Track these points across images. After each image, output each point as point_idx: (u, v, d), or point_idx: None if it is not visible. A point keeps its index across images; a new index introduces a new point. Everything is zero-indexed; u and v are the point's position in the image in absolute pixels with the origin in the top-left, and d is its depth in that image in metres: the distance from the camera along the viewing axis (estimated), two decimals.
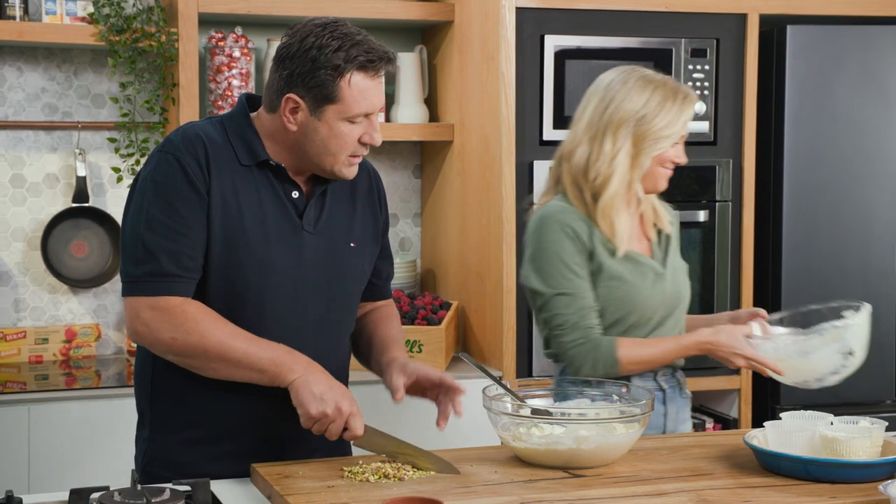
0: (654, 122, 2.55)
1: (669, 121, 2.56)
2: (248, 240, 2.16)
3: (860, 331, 2.48)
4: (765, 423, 2.22)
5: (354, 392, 2.16)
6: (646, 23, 3.70)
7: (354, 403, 2.12)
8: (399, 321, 2.46)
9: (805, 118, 3.80)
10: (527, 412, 2.22)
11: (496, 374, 2.70)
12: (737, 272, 3.82)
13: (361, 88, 2.13)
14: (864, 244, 3.85)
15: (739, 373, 3.82)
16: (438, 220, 4.02)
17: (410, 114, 3.90)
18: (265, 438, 2.24)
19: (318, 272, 2.24)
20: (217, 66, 3.70)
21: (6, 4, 3.53)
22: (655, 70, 2.65)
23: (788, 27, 3.77)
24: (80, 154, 3.72)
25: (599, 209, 2.56)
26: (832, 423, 2.20)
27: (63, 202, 3.76)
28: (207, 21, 3.73)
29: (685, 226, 3.45)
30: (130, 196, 2.20)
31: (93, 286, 3.79)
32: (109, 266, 3.79)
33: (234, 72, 3.69)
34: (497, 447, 2.32)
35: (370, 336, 2.40)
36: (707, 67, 3.73)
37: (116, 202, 3.78)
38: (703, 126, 3.75)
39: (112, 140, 3.75)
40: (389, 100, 3.91)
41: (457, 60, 3.85)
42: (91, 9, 3.59)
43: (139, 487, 1.89)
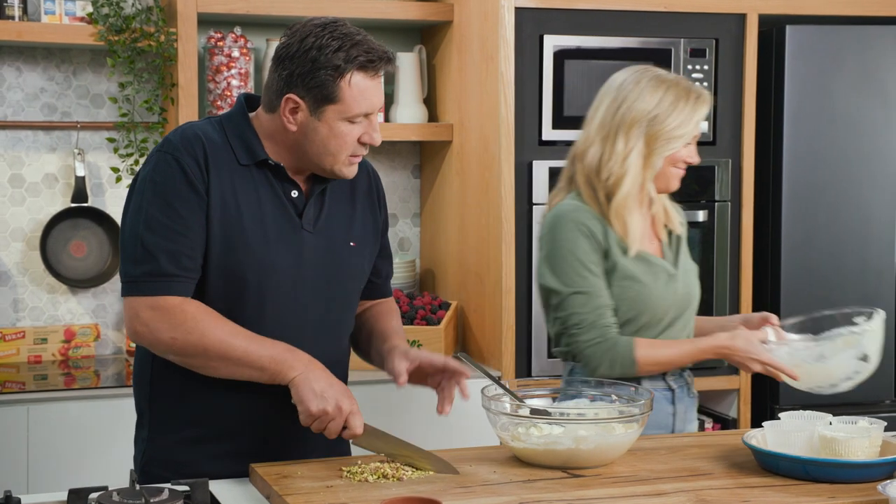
0: (667, 122, 2.54)
1: (682, 121, 2.55)
2: (248, 239, 2.16)
3: (875, 336, 2.48)
4: (763, 423, 2.22)
5: (354, 391, 2.16)
6: (645, 23, 3.69)
7: (354, 402, 2.12)
8: (399, 316, 2.45)
9: (804, 118, 3.80)
10: (526, 412, 2.22)
11: (495, 374, 2.70)
12: (736, 272, 3.82)
13: (361, 88, 2.13)
14: (863, 244, 3.85)
15: (738, 373, 3.82)
16: (437, 220, 4.02)
17: (409, 114, 3.89)
18: (265, 438, 2.24)
19: (318, 271, 2.23)
20: (216, 66, 3.70)
21: (5, 4, 3.53)
22: None
23: (787, 27, 3.77)
24: (79, 154, 3.72)
25: (613, 209, 2.55)
26: (831, 423, 2.20)
27: (62, 202, 3.76)
28: (206, 21, 3.73)
29: None
30: (129, 196, 2.20)
31: (92, 286, 3.79)
32: (108, 266, 3.79)
33: (233, 72, 3.69)
34: (496, 447, 2.32)
35: (370, 329, 2.39)
36: (706, 67, 3.73)
37: (115, 202, 3.77)
38: (703, 126, 3.74)
39: (111, 140, 3.75)
40: (388, 100, 3.91)
41: (456, 60, 3.85)
42: (90, 9, 3.59)
43: (138, 487, 1.88)
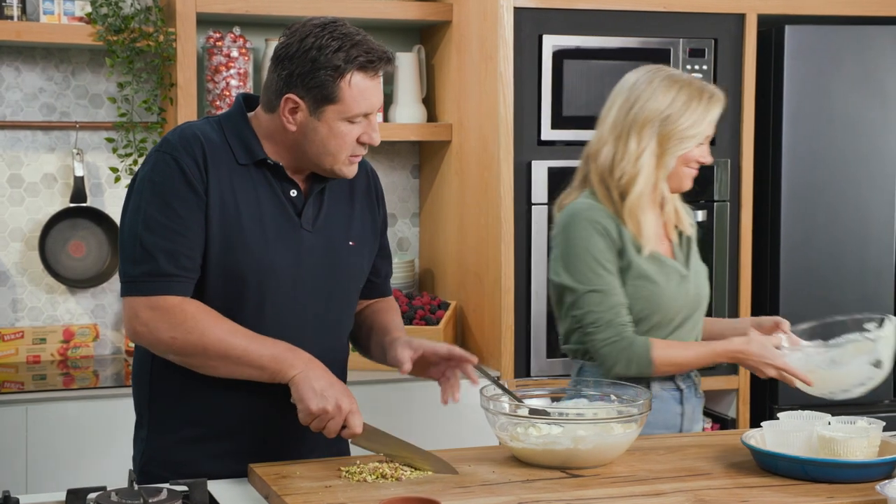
0: (680, 122, 2.54)
1: (695, 120, 2.55)
2: (247, 239, 2.16)
3: (889, 343, 2.48)
4: (762, 423, 2.22)
5: (353, 391, 2.16)
6: (644, 23, 3.69)
7: (354, 401, 2.12)
8: (399, 314, 2.44)
9: (803, 118, 3.80)
10: (524, 412, 2.22)
11: (494, 374, 2.70)
12: (735, 272, 3.82)
13: (361, 89, 2.13)
14: (862, 244, 3.85)
15: (738, 373, 3.82)
16: (437, 220, 4.02)
17: (409, 114, 3.89)
18: (264, 437, 2.24)
19: (317, 271, 2.23)
20: (215, 66, 3.70)
21: (4, 4, 3.53)
22: None
23: (786, 27, 3.78)
24: (78, 154, 3.72)
25: (626, 208, 2.55)
26: (830, 423, 2.20)
27: (61, 202, 3.76)
28: (205, 21, 3.73)
29: None
30: (128, 196, 2.20)
31: (91, 286, 3.79)
32: (107, 266, 3.79)
33: (232, 72, 3.69)
34: (495, 447, 2.31)
35: (370, 324, 2.39)
36: (705, 67, 3.73)
37: (114, 202, 3.77)
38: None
39: (110, 140, 3.75)
40: (388, 100, 3.91)
41: (455, 60, 3.85)
42: (89, 9, 3.59)
43: (136, 487, 1.88)
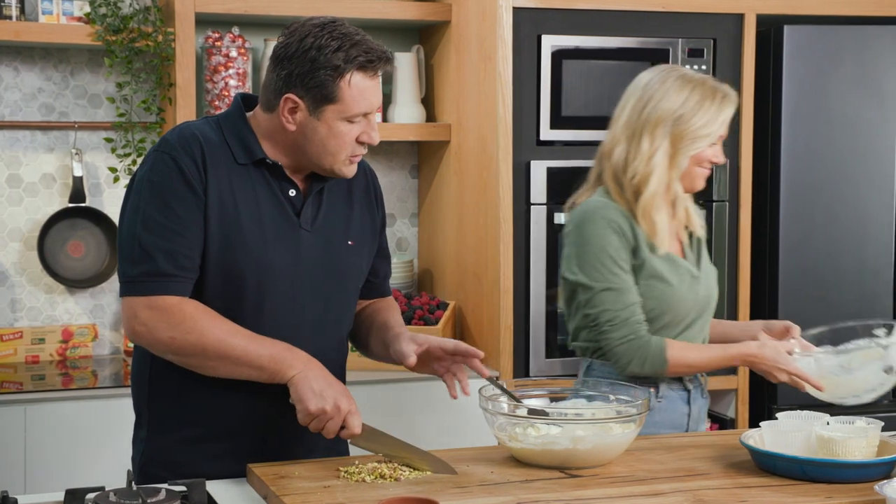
0: (692, 122, 2.54)
1: (707, 120, 2.55)
2: (245, 238, 2.16)
3: None
4: (761, 424, 2.22)
5: (352, 391, 2.16)
6: (643, 23, 3.69)
7: (353, 402, 2.12)
8: (399, 312, 2.44)
9: (802, 118, 3.80)
10: (523, 412, 2.22)
11: (493, 375, 2.70)
12: (733, 272, 3.82)
13: (361, 88, 2.13)
14: (861, 244, 3.85)
15: (737, 373, 3.82)
16: (435, 221, 4.02)
17: (407, 114, 3.89)
18: (263, 437, 2.24)
19: (316, 270, 2.23)
20: (214, 66, 3.70)
21: (2, 4, 3.53)
22: None
23: (785, 27, 3.78)
24: (77, 154, 3.72)
25: (640, 208, 2.56)
26: (828, 423, 2.20)
27: (60, 202, 3.76)
28: (204, 21, 3.73)
29: None
30: (127, 196, 2.20)
31: (89, 286, 3.79)
32: (106, 266, 3.78)
33: (231, 72, 3.69)
34: (493, 447, 2.31)
35: (371, 322, 2.39)
36: (704, 67, 3.73)
37: (113, 202, 3.77)
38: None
39: (109, 140, 3.75)
40: (386, 100, 3.91)
41: (454, 60, 3.84)
42: (87, 9, 3.59)
43: (134, 487, 1.88)
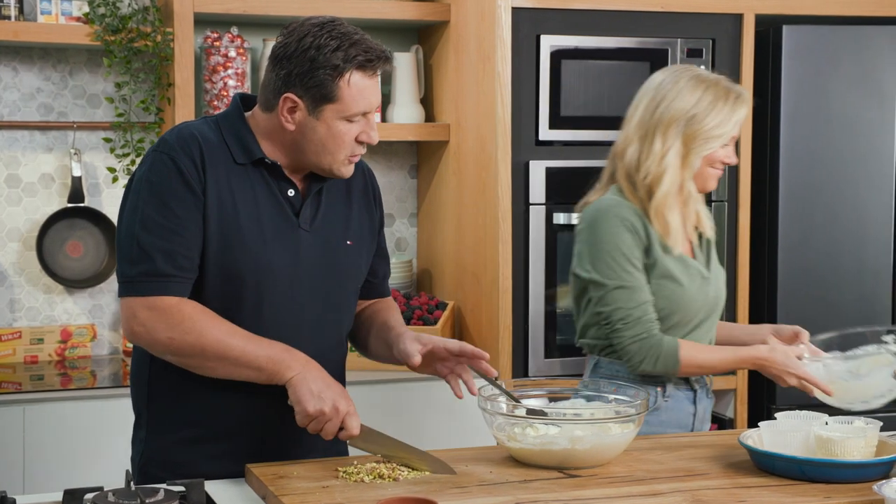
0: (705, 122, 2.54)
1: (720, 121, 2.55)
2: (244, 238, 2.16)
3: None
4: (759, 424, 2.22)
5: (351, 392, 2.16)
6: (642, 23, 3.69)
7: (351, 403, 2.12)
8: (399, 312, 2.44)
9: (800, 118, 3.80)
10: (522, 412, 2.22)
11: (492, 374, 2.69)
12: (733, 272, 3.82)
13: (360, 88, 2.13)
14: (860, 244, 3.85)
15: (736, 373, 3.82)
16: (434, 221, 4.02)
17: (406, 114, 3.89)
18: (262, 438, 2.24)
19: (315, 270, 2.23)
20: (213, 66, 3.70)
21: (1, 4, 3.53)
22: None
23: (784, 27, 3.77)
24: (76, 154, 3.72)
25: (653, 207, 2.56)
26: (827, 423, 2.20)
27: (58, 202, 3.76)
28: (203, 21, 3.73)
29: None
30: (126, 196, 2.20)
31: (88, 286, 3.79)
32: (105, 266, 3.78)
33: (230, 72, 3.69)
34: (492, 447, 2.32)
35: (371, 322, 2.38)
36: (703, 67, 3.71)
37: (112, 202, 3.77)
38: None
39: (107, 140, 3.75)
40: (385, 100, 3.91)
41: (453, 60, 3.84)
42: (86, 8, 3.58)
43: (133, 488, 1.88)
